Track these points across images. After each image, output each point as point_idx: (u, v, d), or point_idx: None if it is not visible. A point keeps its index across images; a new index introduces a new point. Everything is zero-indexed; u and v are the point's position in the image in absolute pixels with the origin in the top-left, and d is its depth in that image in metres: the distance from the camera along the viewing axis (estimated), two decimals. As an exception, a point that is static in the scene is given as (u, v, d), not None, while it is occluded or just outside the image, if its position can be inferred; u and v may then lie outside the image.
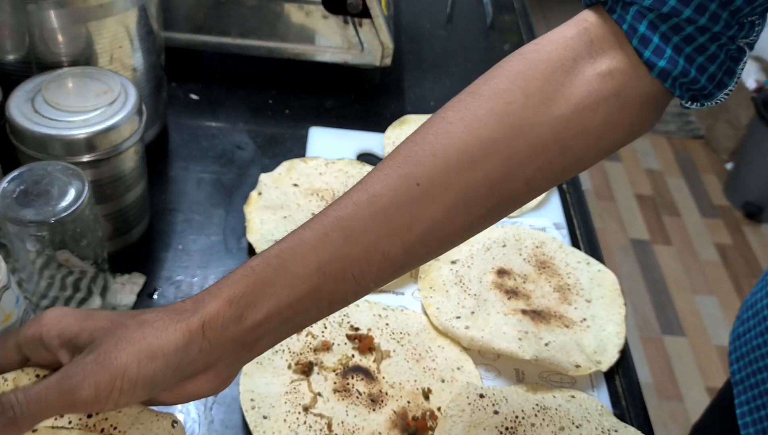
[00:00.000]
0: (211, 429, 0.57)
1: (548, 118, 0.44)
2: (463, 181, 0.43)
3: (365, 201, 0.42)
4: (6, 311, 0.52)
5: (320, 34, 0.90)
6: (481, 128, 0.44)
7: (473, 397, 0.58)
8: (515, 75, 0.45)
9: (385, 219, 0.42)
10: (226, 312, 0.40)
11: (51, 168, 0.57)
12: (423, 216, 0.43)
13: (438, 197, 0.43)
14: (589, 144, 0.46)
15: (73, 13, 0.64)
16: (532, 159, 0.44)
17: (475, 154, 0.43)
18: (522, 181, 0.45)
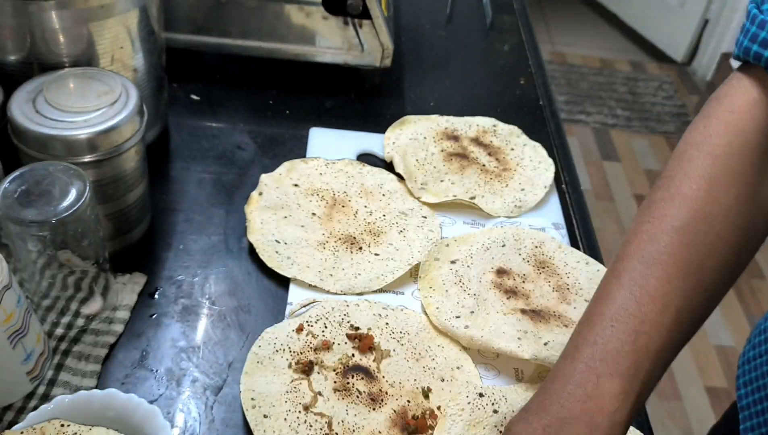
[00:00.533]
0: (212, 428, 0.57)
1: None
2: (732, 277, 0.47)
3: (669, 325, 0.44)
4: (7, 311, 0.52)
5: (320, 35, 0.90)
6: (737, 216, 0.46)
7: (473, 396, 0.59)
8: (733, 152, 0.47)
9: (680, 333, 0.45)
10: None
11: (52, 168, 0.57)
12: (706, 315, 0.47)
13: (716, 296, 0.47)
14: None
15: (75, 14, 0.65)
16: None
17: (737, 243, 0.46)
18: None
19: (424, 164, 0.83)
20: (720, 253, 0.45)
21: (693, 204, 0.45)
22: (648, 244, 0.45)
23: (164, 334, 0.64)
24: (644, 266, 0.44)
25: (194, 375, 0.61)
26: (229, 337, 0.64)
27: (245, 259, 0.71)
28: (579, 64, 3.05)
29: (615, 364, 0.42)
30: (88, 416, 0.51)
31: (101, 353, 0.60)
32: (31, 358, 0.56)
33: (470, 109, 0.94)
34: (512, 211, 0.79)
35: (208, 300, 0.67)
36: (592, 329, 0.44)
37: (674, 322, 0.43)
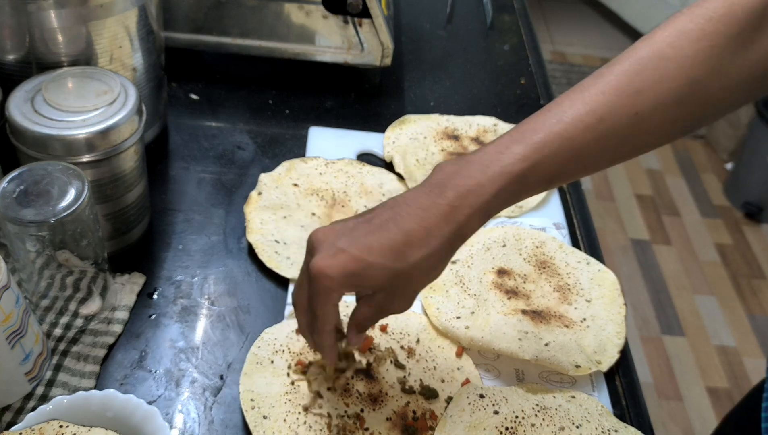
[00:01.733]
0: (211, 429, 0.57)
1: (744, 61, 0.51)
2: (669, 116, 0.52)
3: (592, 125, 0.51)
4: (6, 311, 0.52)
5: (320, 34, 0.90)
6: (690, 68, 0.50)
7: (473, 397, 0.58)
8: (718, 17, 0.50)
9: (607, 144, 0.52)
10: (478, 227, 0.51)
11: (51, 168, 0.57)
12: (633, 141, 0.53)
13: (652, 130, 0.52)
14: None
15: (73, 14, 0.64)
16: (724, 103, 0.53)
17: (683, 94, 0.51)
18: (711, 120, 0.55)
19: (424, 164, 0.83)
20: (661, 89, 0.50)
21: (655, 45, 0.51)
22: (605, 68, 0.52)
23: (163, 335, 0.63)
24: (592, 80, 0.52)
25: (193, 376, 0.61)
26: (228, 337, 0.64)
27: (244, 259, 0.71)
28: (579, 63, 3.05)
29: (528, 137, 0.50)
30: (86, 417, 0.50)
31: (100, 354, 0.60)
32: (29, 359, 0.56)
33: (470, 109, 0.94)
34: (513, 210, 0.79)
35: (208, 300, 0.67)
36: (530, 117, 0.52)
37: (594, 124, 0.50)
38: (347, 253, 0.48)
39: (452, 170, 0.50)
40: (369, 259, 0.48)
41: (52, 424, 0.48)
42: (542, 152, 0.50)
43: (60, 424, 0.48)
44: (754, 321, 2.00)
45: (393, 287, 0.50)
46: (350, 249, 0.48)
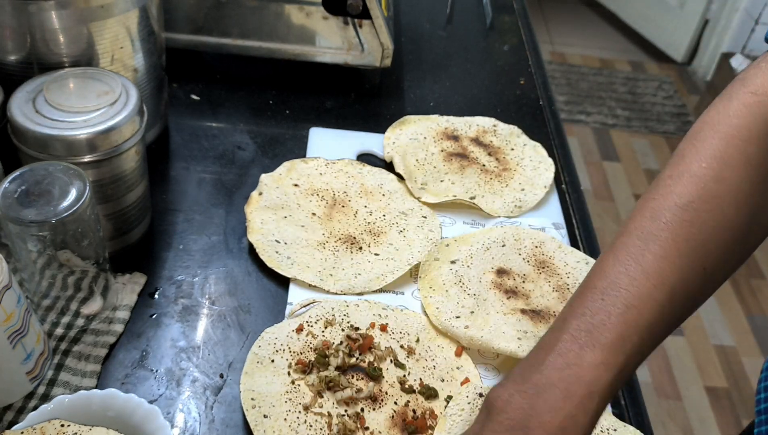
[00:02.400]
0: (212, 428, 0.57)
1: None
2: (736, 257, 0.47)
3: (664, 301, 0.43)
4: (7, 311, 0.52)
5: (320, 35, 0.90)
6: (746, 203, 0.45)
7: (473, 396, 0.59)
8: (758, 135, 0.46)
9: (681, 312, 0.45)
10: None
11: (52, 168, 0.57)
12: (704, 297, 0.46)
13: (721, 279, 0.46)
14: None
15: (75, 14, 0.65)
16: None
17: (745, 229, 0.45)
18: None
19: (424, 164, 0.83)
20: (723, 234, 0.44)
21: (700, 183, 0.44)
22: (649, 220, 0.45)
23: (164, 334, 0.64)
24: (642, 242, 0.44)
25: (194, 375, 0.61)
26: (229, 337, 0.64)
27: (245, 259, 0.71)
28: (579, 64, 3.05)
29: (599, 336, 0.42)
30: (87, 416, 0.51)
31: (101, 353, 0.60)
32: (30, 358, 0.56)
33: (470, 109, 0.94)
34: (512, 211, 0.79)
35: (208, 300, 0.67)
36: (582, 302, 0.44)
37: (668, 300, 0.43)
38: None
39: (525, 405, 0.41)
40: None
41: (53, 423, 0.48)
42: (624, 351, 0.42)
43: (61, 424, 0.48)
44: (753, 321, 2.01)
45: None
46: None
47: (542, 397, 0.41)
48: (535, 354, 0.44)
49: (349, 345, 0.62)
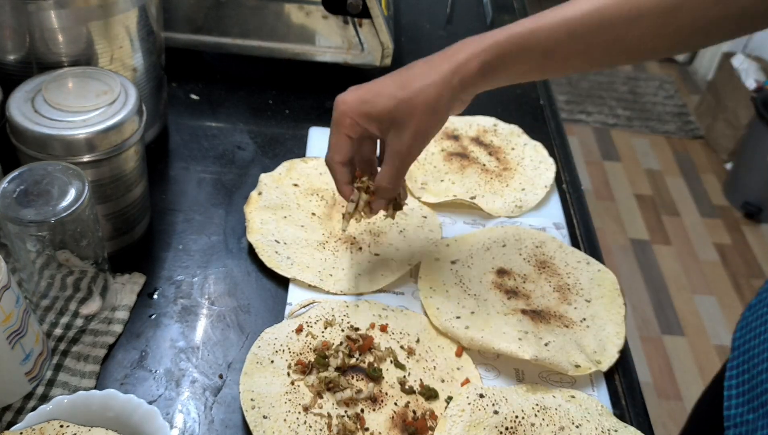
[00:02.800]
0: (211, 429, 0.57)
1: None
2: (661, 22, 0.56)
3: (589, 13, 0.56)
4: (6, 311, 0.52)
5: (320, 35, 0.90)
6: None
7: (473, 396, 0.58)
8: None
9: (600, 37, 0.57)
10: (476, 74, 0.58)
11: (51, 168, 0.57)
12: (626, 47, 0.58)
13: (642, 35, 0.56)
14: None
15: (74, 14, 0.65)
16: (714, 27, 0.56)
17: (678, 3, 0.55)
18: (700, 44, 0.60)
19: (424, 164, 0.83)
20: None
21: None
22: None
23: (163, 335, 0.64)
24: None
25: (193, 375, 0.61)
26: (228, 337, 0.64)
27: (245, 259, 0.71)
28: (579, 63, 3.04)
29: (534, 18, 0.57)
30: (87, 417, 0.51)
31: (100, 354, 0.60)
32: (29, 359, 0.56)
33: (470, 109, 0.94)
34: (513, 210, 0.79)
35: (208, 300, 0.67)
36: None
37: (593, 13, 0.56)
38: (367, 86, 0.59)
39: (420, 64, 0.60)
40: (379, 89, 0.58)
41: (52, 424, 0.48)
42: (540, 21, 0.57)
43: (60, 424, 0.48)
44: (753, 321, 2.00)
45: (399, 119, 0.58)
46: (370, 84, 0.60)
47: (431, 61, 0.59)
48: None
49: (349, 345, 0.62)
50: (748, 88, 2.43)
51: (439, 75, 0.57)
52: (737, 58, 2.58)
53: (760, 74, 2.49)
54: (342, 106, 0.59)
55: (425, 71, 0.58)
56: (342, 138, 0.60)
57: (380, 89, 0.59)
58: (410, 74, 0.58)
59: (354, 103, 0.59)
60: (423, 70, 0.58)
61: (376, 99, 0.58)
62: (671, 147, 2.65)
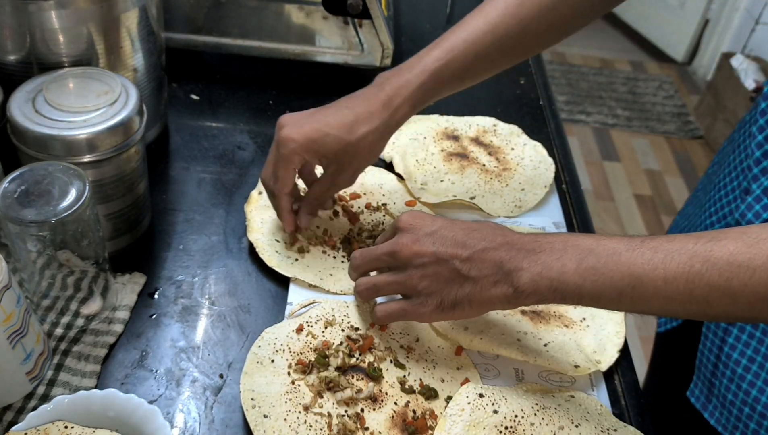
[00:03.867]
0: (212, 428, 0.57)
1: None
2: (548, 21, 0.67)
3: (488, 31, 0.67)
4: (7, 311, 0.52)
5: (320, 35, 0.90)
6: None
7: (473, 396, 0.58)
8: None
9: (501, 46, 0.67)
10: (408, 114, 0.67)
11: (52, 168, 0.57)
12: (526, 46, 0.69)
13: (535, 33, 0.67)
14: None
15: (74, 14, 0.65)
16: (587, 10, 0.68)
17: (557, 1, 0.66)
18: (579, 25, 0.70)
19: (424, 164, 0.83)
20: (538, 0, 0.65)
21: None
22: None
23: (164, 334, 0.64)
24: (489, 1, 0.68)
25: (194, 375, 0.61)
26: (228, 337, 0.64)
27: (245, 258, 0.71)
28: (579, 63, 3.05)
29: (441, 44, 0.68)
30: (87, 416, 0.51)
31: (101, 353, 0.60)
32: (30, 359, 0.56)
33: (470, 109, 0.94)
34: (512, 210, 0.79)
35: (208, 300, 0.67)
36: (444, 34, 0.69)
37: (491, 30, 0.66)
38: (310, 125, 0.64)
39: (388, 74, 0.67)
40: (327, 130, 0.64)
41: (56, 424, 0.48)
42: (452, 53, 0.66)
43: (65, 425, 0.48)
44: (753, 321, 2.00)
45: (343, 158, 0.65)
46: (312, 122, 0.64)
47: (397, 71, 0.67)
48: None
49: (349, 345, 0.62)
50: (748, 88, 2.43)
51: (380, 121, 0.65)
52: (736, 59, 2.58)
53: (760, 74, 2.50)
54: (291, 144, 0.64)
55: (367, 116, 0.65)
56: (289, 172, 0.65)
57: (326, 129, 0.64)
58: (353, 117, 0.65)
59: (303, 142, 0.63)
60: (364, 113, 0.65)
61: (325, 139, 0.64)
62: (671, 147, 2.65)
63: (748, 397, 0.66)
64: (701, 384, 0.73)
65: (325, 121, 0.64)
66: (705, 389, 0.72)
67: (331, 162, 0.66)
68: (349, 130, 0.64)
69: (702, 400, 0.72)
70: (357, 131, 0.64)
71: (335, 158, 0.65)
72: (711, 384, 0.71)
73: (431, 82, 0.66)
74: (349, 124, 0.64)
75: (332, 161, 0.66)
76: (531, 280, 0.53)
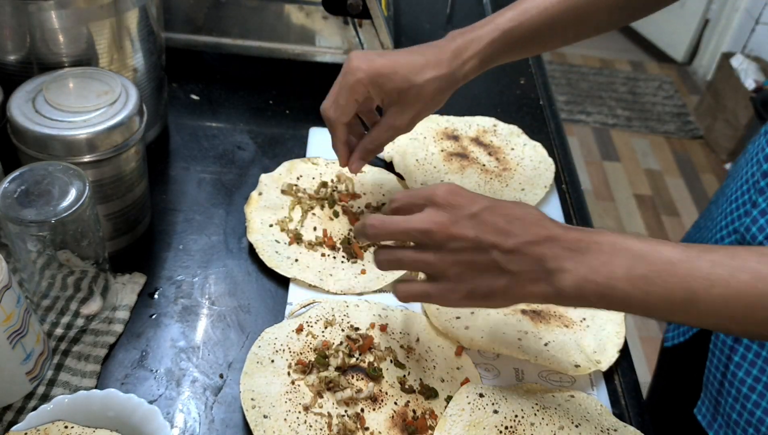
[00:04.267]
0: (212, 428, 0.57)
1: None
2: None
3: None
4: (7, 311, 0.52)
5: (320, 35, 0.90)
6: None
7: (473, 396, 0.58)
8: None
9: (575, 16, 0.67)
10: (476, 70, 0.67)
11: (52, 168, 0.57)
12: (598, 21, 0.69)
13: (607, 8, 0.67)
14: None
15: (74, 14, 0.65)
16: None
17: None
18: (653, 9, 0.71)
19: (424, 164, 0.83)
20: None
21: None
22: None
23: (164, 335, 0.64)
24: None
25: (194, 375, 0.61)
26: (228, 337, 0.64)
27: (245, 259, 0.71)
28: (579, 63, 3.05)
29: (516, 6, 0.66)
30: (87, 416, 0.51)
31: (101, 353, 0.60)
32: (30, 359, 0.56)
33: (470, 109, 0.94)
34: (512, 211, 0.79)
35: (208, 300, 0.67)
36: None
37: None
38: (382, 60, 0.64)
39: (461, 30, 0.67)
40: (396, 67, 0.64)
41: (57, 424, 0.48)
42: (525, 15, 0.66)
43: (65, 425, 0.48)
44: (753, 321, 2.00)
45: (405, 99, 0.65)
46: (383, 58, 0.64)
47: (470, 28, 0.67)
48: None
49: (349, 345, 0.62)
50: (747, 88, 2.43)
51: (448, 69, 0.65)
52: (736, 59, 2.58)
53: (759, 74, 2.50)
54: (359, 73, 0.63)
55: (436, 62, 0.65)
56: (351, 102, 0.65)
57: (395, 67, 0.64)
58: (423, 61, 0.65)
59: (371, 73, 0.63)
60: (434, 59, 0.65)
61: (392, 76, 0.64)
62: (671, 147, 2.65)
63: (753, 417, 0.64)
64: (708, 402, 0.71)
65: (395, 59, 0.65)
66: (711, 407, 0.70)
67: (393, 101, 0.66)
68: (418, 72, 0.64)
69: (708, 419, 0.70)
70: (425, 74, 0.64)
71: (398, 97, 0.65)
72: (717, 402, 0.69)
73: (501, 40, 0.66)
74: (419, 67, 0.64)
75: (395, 101, 0.66)
76: (575, 284, 0.49)
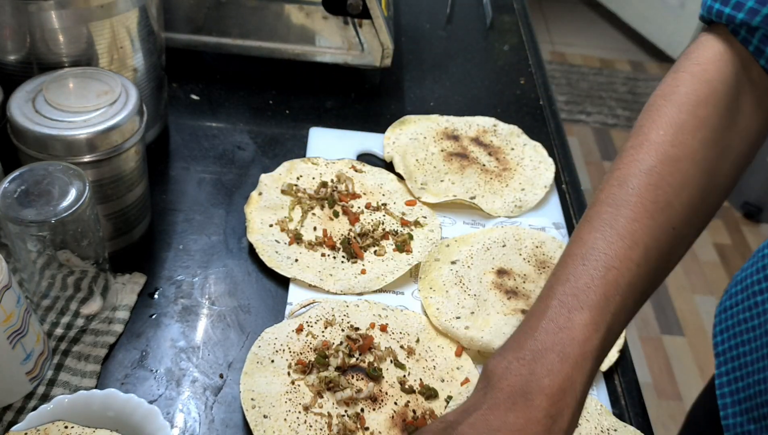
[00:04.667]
0: (212, 428, 0.57)
1: (739, 131, 0.52)
2: (701, 213, 0.50)
3: (640, 260, 0.46)
4: (7, 311, 0.52)
5: (320, 35, 0.90)
6: (704, 161, 0.50)
7: (473, 396, 0.58)
8: (706, 100, 0.51)
9: (657, 269, 0.48)
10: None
11: (52, 168, 0.57)
12: (677, 255, 0.50)
13: (689, 234, 0.50)
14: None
15: (74, 14, 0.65)
16: (733, 179, 0.53)
17: (706, 187, 0.50)
18: (726, 197, 0.54)
19: (424, 164, 0.83)
20: (687, 193, 0.48)
21: (660, 148, 0.49)
22: (617, 188, 0.48)
23: (164, 335, 0.64)
24: (613, 208, 0.47)
25: (194, 375, 0.61)
26: (228, 337, 0.64)
27: (245, 259, 0.71)
28: (579, 63, 3.05)
29: (585, 298, 0.44)
30: (87, 416, 0.51)
31: (101, 353, 0.60)
32: (30, 359, 0.56)
33: (470, 109, 0.94)
34: (512, 211, 0.79)
35: (208, 300, 0.67)
36: (564, 269, 0.46)
37: (643, 259, 0.46)
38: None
39: (523, 371, 0.42)
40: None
41: (56, 424, 0.48)
42: (610, 310, 0.44)
43: (65, 425, 0.48)
44: (753, 321, 2.01)
45: None
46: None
47: (539, 362, 0.42)
48: (527, 322, 0.46)
49: (349, 345, 0.62)
50: (748, 88, 2.43)
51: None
52: (737, 59, 2.58)
53: (760, 74, 2.50)
54: None
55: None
56: None
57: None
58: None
59: None
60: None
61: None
62: (671, 147, 2.65)
63: None
64: None
65: None
66: None
67: None
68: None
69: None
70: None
71: None
72: None
73: (597, 362, 0.44)
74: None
75: None
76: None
